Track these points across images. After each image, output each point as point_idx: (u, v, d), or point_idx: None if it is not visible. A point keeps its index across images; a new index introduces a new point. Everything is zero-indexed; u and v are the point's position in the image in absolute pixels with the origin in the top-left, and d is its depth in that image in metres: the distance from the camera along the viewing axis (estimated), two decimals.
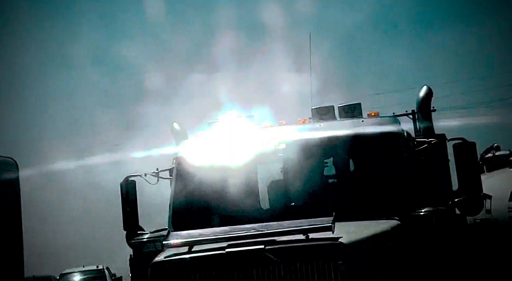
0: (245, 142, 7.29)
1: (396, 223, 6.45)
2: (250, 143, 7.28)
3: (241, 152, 7.23)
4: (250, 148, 7.24)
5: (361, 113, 7.64)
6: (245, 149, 7.24)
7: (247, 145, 7.26)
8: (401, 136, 7.17)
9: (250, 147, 7.24)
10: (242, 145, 7.28)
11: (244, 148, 7.24)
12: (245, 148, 7.24)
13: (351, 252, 5.64)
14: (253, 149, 7.24)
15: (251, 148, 7.24)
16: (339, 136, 7.19)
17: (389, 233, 6.28)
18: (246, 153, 7.22)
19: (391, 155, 7.07)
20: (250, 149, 7.24)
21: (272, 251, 5.62)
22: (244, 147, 7.25)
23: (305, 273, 5.56)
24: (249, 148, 7.24)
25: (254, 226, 6.01)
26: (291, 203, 7.33)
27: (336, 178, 7.57)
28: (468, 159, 6.93)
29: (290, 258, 5.61)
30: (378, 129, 7.21)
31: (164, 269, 5.80)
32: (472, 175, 6.91)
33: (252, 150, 7.24)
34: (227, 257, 5.62)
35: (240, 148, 7.26)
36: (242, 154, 7.21)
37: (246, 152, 7.23)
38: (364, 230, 6.20)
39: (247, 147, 7.24)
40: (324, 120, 7.58)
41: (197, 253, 5.81)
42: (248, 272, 5.59)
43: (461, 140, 7.01)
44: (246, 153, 7.22)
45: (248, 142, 7.29)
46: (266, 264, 5.59)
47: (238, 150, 7.25)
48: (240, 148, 7.26)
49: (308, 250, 5.65)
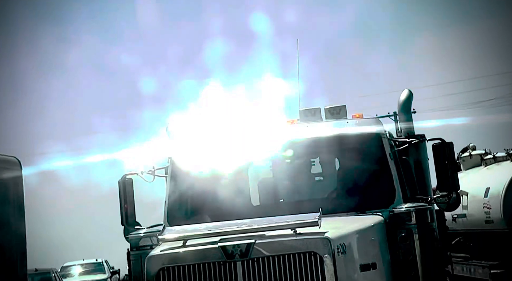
0: (236, 141, 7.29)
1: (379, 219, 6.46)
2: (241, 143, 7.27)
3: (232, 152, 7.22)
4: (241, 147, 7.23)
5: (346, 115, 7.64)
6: (236, 148, 7.23)
7: (239, 145, 7.25)
8: (384, 136, 7.18)
9: (241, 146, 7.24)
10: (233, 145, 7.27)
11: (235, 147, 7.24)
12: (236, 148, 7.23)
13: (336, 246, 5.64)
14: (244, 149, 7.24)
15: (242, 147, 7.23)
16: (325, 137, 7.20)
17: (373, 228, 6.29)
18: (238, 152, 7.21)
19: (374, 154, 7.09)
20: (241, 149, 7.23)
21: (262, 245, 5.61)
22: (235, 147, 7.24)
23: (293, 266, 5.55)
24: (240, 148, 7.23)
25: (245, 221, 6.00)
26: (280, 200, 7.33)
27: (322, 176, 7.59)
28: (446, 158, 6.95)
29: (279, 252, 5.60)
30: (362, 129, 7.22)
31: (159, 262, 5.78)
32: (450, 173, 6.93)
33: (243, 150, 7.24)
34: (219, 250, 5.61)
35: (232, 147, 7.25)
36: (233, 154, 7.20)
37: (238, 151, 7.22)
38: (349, 225, 6.21)
39: (239, 147, 7.23)
40: (311, 121, 7.59)
41: (191, 247, 5.80)
42: (239, 265, 5.58)
43: (440, 140, 7.03)
44: (237, 152, 7.21)
45: (239, 141, 7.28)
46: (257, 257, 5.58)
47: (230, 149, 7.24)
48: (231, 147, 7.25)
49: (296, 244, 5.65)
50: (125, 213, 7.34)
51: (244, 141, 7.28)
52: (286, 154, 7.24)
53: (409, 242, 6.27)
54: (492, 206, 12.65)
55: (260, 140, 7.26)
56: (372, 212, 6.60)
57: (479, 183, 13.35)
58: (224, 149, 7.26)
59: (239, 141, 7.29)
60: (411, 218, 6.33)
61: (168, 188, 7.25)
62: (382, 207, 6.63)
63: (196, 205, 7.13)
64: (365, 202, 6.81)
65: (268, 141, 7.24)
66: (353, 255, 5.88)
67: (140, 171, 7.47)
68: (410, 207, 6.43)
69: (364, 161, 7.19)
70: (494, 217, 12.54)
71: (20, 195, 11.00)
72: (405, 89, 8.82)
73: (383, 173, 6.95)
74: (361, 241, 6.07)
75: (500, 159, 13.76)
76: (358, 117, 7.54)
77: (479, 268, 12.77)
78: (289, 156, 7.27)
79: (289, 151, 7.23)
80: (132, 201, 7.39)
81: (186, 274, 5.65)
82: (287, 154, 7.24)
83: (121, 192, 7.37)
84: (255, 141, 7.26)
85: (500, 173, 12.93)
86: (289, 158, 7.28)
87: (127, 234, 7.15)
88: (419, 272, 6.23)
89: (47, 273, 18.35)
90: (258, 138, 7.30)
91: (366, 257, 6.01)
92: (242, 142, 7.28)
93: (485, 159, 14.36)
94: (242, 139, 7.30)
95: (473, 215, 13.31)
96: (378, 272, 6.04)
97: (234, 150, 7.23)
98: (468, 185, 12.98)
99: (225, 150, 7.25)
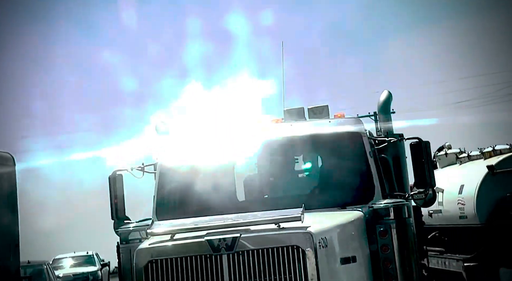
0: (223, 139, 7.28)
1: (359, 214, 6.49)
2: (227, 141, 7.26)
3: (219, 149, 7.21)
4: (228, 145, 7.23)
5: (329, 114, 7.66)
6: (223, 146, 7.22)
7: (225, 142, 7.24)
8: (364, 135, 7.21)
9: (228, 144, 7.23)
10: (220, 142, 7.26)
11: (222, 145, 7.23)
12: (223, 145, 7.22)
13: (318, 240, 5.66)
14: (230, 146, 7.23)
15: (228, 145, 7.23)
16: (308, 135, 7.21)
17: (353, 223, 6.32)
18: (224, 149, 7.20)
19: (355, 153, 7.11)
20: (228, 146, 7.22)
21: (247, 239, 5.61)
22: (222, 144, 7.23)
23: (276, 259, 5.56)
24: (227, 145, 7.22)
25: (231, 216, 6.00)
26: (265, 196, 7.33)
27: (305, 173, 7.60)
28: (423, 156, 6.99)
29: (263, 245, 5.61)
30: (343, 128, 7.24)
31: (148, 255, 5.76)
32: (427, 171, 6.96)
33: (230, 147, 7.23)
34: (206, 244, 5.60)
35: (219, 145, 7.24)
36: (220, 151, 7.19)
37: (224, 148, 7.21)
38: (330, 220, 6.23)
39: (225, 144, 7.22)
40: (295, 120, 7.60)
41: (178, 240, 5.78)
42: (225, 258, 5.57)
43: (417, 139, 7.06)
44: (223, 149, 7.20)
45: (225, 139, 7.27)
46: (242, 251, 5.58)
47: (217, 147, 7.23)
48: (218, 145, 7.24)
49: (280, 238, 5.66)
50: (115, 208, 7.31)
51: (230, 139, 7.27)
52: (271, 151, 7.24)
53: (387, 236, 6.30)
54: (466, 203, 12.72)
55: (246, 138, 7.26)
56: (352, 208, 6.63)
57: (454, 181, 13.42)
58: (211, 146, 7.25)
59: (225, 139, 7.28)
60: (390, 213, 6.36)
61: (157, 184, 7.23)
62: (362, 203, 6.66)
63: (184, 201, 7.11)
64: (346, 198, 6.83)
65: (254, 139, 7.23)
66: (334, 248, 5.90)
67: (130, 167, 7.44)
68: (389, 203, 6.47)
69: (345, 159, 7.21)
70: (468, 213, 12.62)
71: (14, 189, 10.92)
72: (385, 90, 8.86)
73: (363, 170, 6.97)
74: (341, 235, 6.09)
75: (474, 157, 13.84)
76: (340, 116, 7.56)
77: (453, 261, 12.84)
78: (273, 154, 7.27)
79: (273, 149, 7.23)
80: (122, 196, 7.35)
81: (173, 267, 5.64)
82: (272, 151, 7.24)
83: (111, 187, 7.33)
84: (241, 139, 7.26)
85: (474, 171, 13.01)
86: (274, 155, 7.28)
87: (117, 228, 7.11)
88: (397, 265, 6.26)
89: (40, 265, 18.20)
90: (244, 136, 7.30)
91: (347, 251, 6.03)
92: (229, 140, 7.27)
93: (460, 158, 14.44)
94: (229, 137, 7.29)
95: (448, 211, 13.38)
96: (358, 265, 6.06)
97: (221, 147, 7.22)
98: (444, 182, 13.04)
99: (212, 147, 7.24)
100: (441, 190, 13.11)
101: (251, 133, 7.34)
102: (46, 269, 18.38)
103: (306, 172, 7.58)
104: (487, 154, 13.21)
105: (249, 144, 7.22)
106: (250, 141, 7.23)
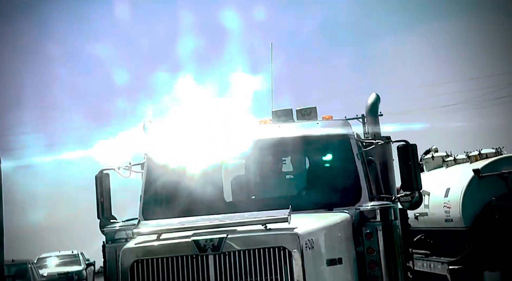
0: (211, 139, 7.26)
1: (345, 216, 6.50)
2: (215, 141, 7.25)
3: (207, 149, 7.19)
4: (216, 145, 7.21)
5: (317, 116, 7.67)
6: (210, 146, 7.21)
7: (213, 143, 7.22)
8: (352, 138, 7.22)
9: (216, 144, 7.21)
10: (208, 143, 7.24)
11: (210, 145, 7.21)
12: (210, 145, 7.21)
13: (305, 241, 5.66)
14: (218, 147, 7.21)
15: (216, 145, 7.21)
16: (296, 137, 7.21)
17: (339, 225, 6.32)
18: (212, 150, 7.19)
19: (342, 155, 7.12)
20: (216, 147, 7.21)
21: (233, 239, 5.60)
22: (210, 144, 7.22)
23: (263, 260, 5.55)
24: (215, 146, 7.21)
25: (218, 216, 5.98)
26: (252, 196, 7.33)
27: (292, 174, 7.60)
28: (410, 159, 7.01)
29: (250, 246, 5.60)
30: (331, 131, 7.25)
31: (133, 255, 5.73)
32: (413, 173, 6.99)
33: (217, 148, 7.21)
34: (192, 244, 5.58)
35: (206, 145, 7.22)
36: (208, 151, 7.17)
37: (212, 149, 7.19)
38: (317, 221, 6.23)
39: (213, 145, 7.21)
40: (283, 121, 7.60)
41: (164, 240, 5.75)
42: (211, 258, 5.56)
43: (404, 142, 7.09)
44: (211, 150, 7.19)
45: (213, 139, 7.26)
46: (228, 251, 5.57)
47: (204, 147, 7.21)
48: (206, 145, 7.22)
49: (266, 239, 5.65)
50: (101, 207, 7.27)
51: (218, 139, 7.26)
52: (259, 152, 7.24)
53: (374, 238, 6.32)
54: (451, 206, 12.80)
55: (234, 139, 7.25)
56: (339, 210, 6.64)
57: (440, 184, 13.49)
58: (199, 146, 7.23)
59: (213, 139, 7.26)
60: (376, 216, 6.38)
61: (144, 183, 7.20)
62: (349, 205, 6.67)
63: (171, 201, 7.08)
64: (333, 200, 6.84)
65: (242, 139, 7.23)
66: (321, 250, 5.91)
67: (117, 166, 7.41)
68: (375, 205, 6.48)
69: (332, 160, 7.23)
70: (454, 216, 12.70)
71: None
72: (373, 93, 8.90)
73: (350, 172, 6.98)
74: (328, 237, 6.10)
75: (460, 161, 13.93)
76: (328, 118, 7.57)
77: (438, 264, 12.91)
78: (261, 155, 7.26)
79: (261, 150, 7.22)
80: (108, 195, 7.32)
81: (159, 267, 5.61)
82: (260, 152, 7.24)
83: (98, 186, 7.29)
84: (229, 139, 7.25)
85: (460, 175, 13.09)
86: (262, 156, 7.27)
87: (102, 227, 7.07)
88: (382, 267, 6.28)
89: (24, 264, 18.04)
90: (232, 136, 7.29)
91: (333, 252, 6.04)
92: (217, 140, 7.25)
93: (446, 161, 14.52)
94: (217, 137, 7.28)
95: (434, 214, 13.45)
96: (343, 267, 6.07)
97: (209, 147, 7.20)
98: (430, 185, 13.11)
99: (200, 147, 7.22)
100: (427, 193, 13.19)
101: (239, 134, 7.33)
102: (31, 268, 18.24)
103: (293, 174, 7.58)
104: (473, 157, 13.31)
105: (237, 144, 7.21)
106: (238, 141, 7.22)
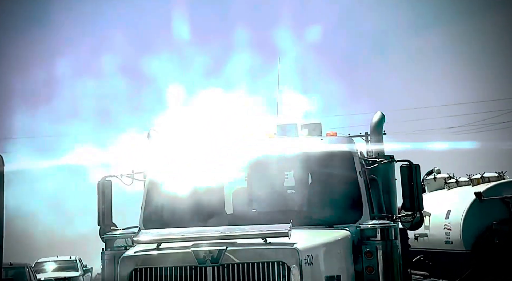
0: (214, 152, 7.26)
1: (346, 233, 6.48)
2: (218, 154, 7.25)
3: (210, 161, 7.19)
4: (219, 158, 7.21)
5: (321, 132, 7.68)
6: (214, 158, 7.21)
7: (216, 155, 7.22)
8: (355, 155, 7.22)
9: (219, 157, 7.21)
10: (211, 154, 7.24)
11: (213, 158, 7.21)
12: (214, 158, 7.21)
13: (304, 257, 5.64)
14: (221, 159, 7.21)
15: (219, 158, 7.21)
16: (299, 152, 7.21)
17: (339, 242, 6.31)
18: (215, 162, 7.18)
19: (345, 172, 7.11)
20: (219, 159, 7.21)
21: (233, 252, 5.59)
22: (213, 157, 7.21)
23: (261, 274, 5.53)
24: (218, 158, 7.21)
25: (218, 228, 5.97)
26: (253, 210, 7.31)
27: (294, 189, 7.59)
28: (412, 179, 7.00)
29: (249, 259, 5.58)
30: (335, 147, 7.25)
31: (132, 263, 5.72)
32: (415, 194, 6.98)
33: (220, 160, 7.21)
34: (191, 255, 5.56)
35: (210, 157, 7.22)
36: (210, 163, 7.17)
37: (215, 161, 7.19)
38: (317, 237, 6.21)
39: (216, 157, 7.21)
40: (287, 136, 7.60)
41: (164, 250, 5.74)
42: (210, 270, 5.54)
43: (407, 162, 7.08)
44: (214, 162, 7.18)
45: (217, 152, 7.26)
46: (227, 264, 5.55)
47: (208, 159, 7.21)
48: (209, 157, 7.22)
49: (266, 253, 5.63)
50: (102, 214, 7.27)
51: (221, 151, 7.26)
52: (261, 166, 7.23)
53: (373, 257, 6.29)
54: (452, 228, 12.77)
55: (236, 151, 7.25)
56: (340, 227, 6.62)
57: (442, 205, 13.47)
58: (202, 158, 7.23)
59: (216, 152, 7.27)
60: (376, 234, 6.36)
61: (146, 192, 7.20)
62: (349, 222, 6.65)
63: (172, 211, 7.07)
64: (333, 217, 6.83)
65: (244, 152, 7.23)
66: (320, 266, 5.88)
67: (119, 174, 7.41)
68: (376, 224, 6.47)
69: (335, 177, 7.22)
70: (454, 238, 12.66)
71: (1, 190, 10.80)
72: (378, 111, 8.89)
73: (352, 190, 6.97)
74: (328, 253, 6.08)
75: (462, 183, 13.91)
76: (332, 135, 7.58)
77: None
78: (264, 168, 7.26)
79: (264, 164, 7.22)
80: (109, 203, 7.32)
81: (158, 276, 5.59)
82: (262, 166, 7.24)
83: (99, 193, 7.29)
84: (232, 152, 7.25)
85: (462, 197, 13.07)
86: (264, 170, 7.27)
87: (102, 234, 7.06)
88: None
89: (21, 268, 17.99)
90: (235, 149, 7.29)
91: (332, 269, 6.01)
92: (220, 152, 7.26)
93: (448, 183, 14.52)
94: (220, 150, 7.28)
95: (434, 235, 13.42)
96: None
97: (212, 159, 7.20)
98: (431, 206, 13.09)
99: (203, 159, 7.22)
100: (428, 214, 13.16)
101: (242, 147, 7.33)
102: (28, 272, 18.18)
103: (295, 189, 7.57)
104: (475, 181, 13.30)
105: (240, 157, 7.21)
106: (241, 155, 7.22)
